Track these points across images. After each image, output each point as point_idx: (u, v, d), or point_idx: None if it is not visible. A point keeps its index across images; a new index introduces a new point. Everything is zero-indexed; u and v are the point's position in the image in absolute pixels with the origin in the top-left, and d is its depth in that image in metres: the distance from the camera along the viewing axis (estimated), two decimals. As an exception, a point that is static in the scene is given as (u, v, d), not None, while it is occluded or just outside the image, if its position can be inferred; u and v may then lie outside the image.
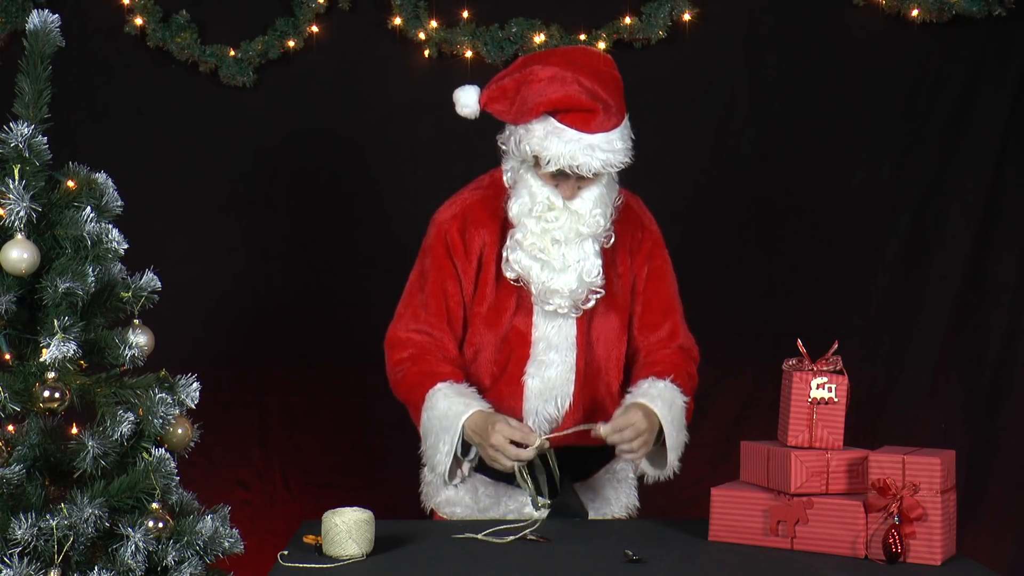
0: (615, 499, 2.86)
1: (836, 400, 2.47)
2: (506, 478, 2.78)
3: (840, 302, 4.11)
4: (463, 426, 2.62)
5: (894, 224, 4.10)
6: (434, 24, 3.98)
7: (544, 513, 2.72)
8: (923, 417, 4.10)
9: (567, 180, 2.63)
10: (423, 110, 4.00)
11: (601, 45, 3.95)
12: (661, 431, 2.66)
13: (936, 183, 4.09)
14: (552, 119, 2.58)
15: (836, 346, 2.52)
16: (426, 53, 4.01)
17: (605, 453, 2.88)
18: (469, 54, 3.98)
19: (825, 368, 2.49)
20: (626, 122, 2.65)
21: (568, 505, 2.72)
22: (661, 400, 2.66)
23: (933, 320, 4.09)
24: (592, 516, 2.79)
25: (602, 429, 2.59)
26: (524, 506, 2.76)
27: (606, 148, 2.58)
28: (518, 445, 2.56)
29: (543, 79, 2.60)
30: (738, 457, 2.60)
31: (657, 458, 2.73)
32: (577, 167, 2.57)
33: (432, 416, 2.66)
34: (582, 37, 3.94)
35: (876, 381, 4.08)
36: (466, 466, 2.73)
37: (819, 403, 2.47)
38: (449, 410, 2.64)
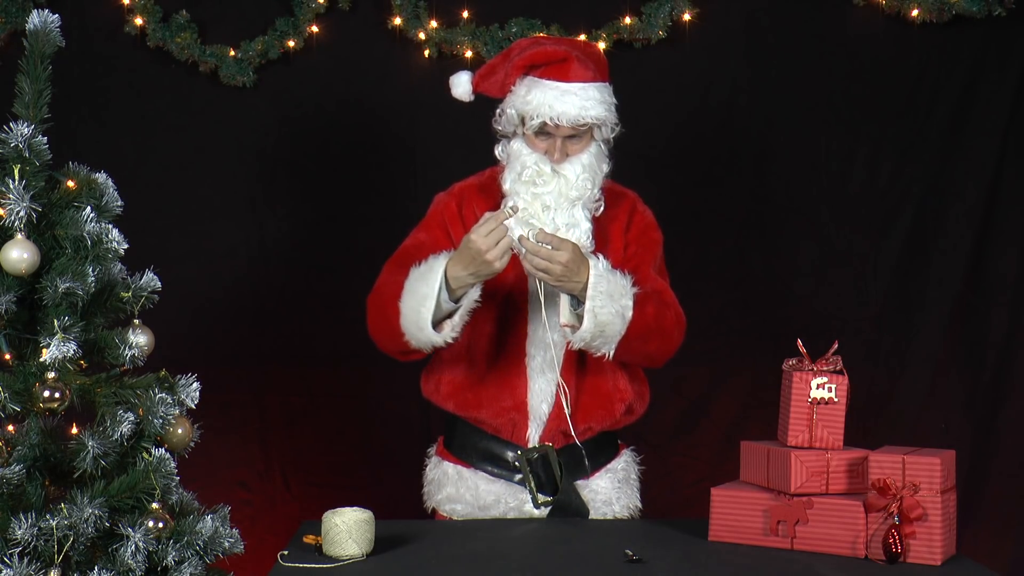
0: (616, 499, 2.86)
1: (836, 400, 2.47)
2: (507, 476, 2.79)
3: (840, 302, 4.11)
4: (444, 270, 2.59)
5: (894, 224, 4.10)
6: (434, 24, 3.98)
7: (545, 511, 2.73)
8: (923, 417, 4.10)
9: (552, 141, 2.70)
10: (423, 110, 4.00)
11: (601, 45, 3.94)
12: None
13: (936, 183, 4.09)
14: (531, 76, 2.70)
15: (836, 346, 2.52)
16: (426, 53, 4.01)
17: (608, 453, 2.88)
18: (469, 54, 3.98)
19: (825, 368, 2.49)
20: (608, 87, 2.74)
21: (569, 504, 2.74)
22: (605, 270, 2.61)
23: (933, 320, 4.09)
24: (593, 516, 2.79)
25: (529, 233, 2.56)
26: (525, 503, 2.76)
27: (581, 96, 2.66)
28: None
29: (523, 45, 2.75)
30: (738, 457, 2.60)
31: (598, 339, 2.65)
32: (557, 117, 2.65)
33: (412, 277, 2.65)
34: (582, 37, 3.93)
35: (876, 381, 4.08)
36: (456, 318, 2.64)
37: (819, 403, 2.47)
38: (430, 263, 2.64)
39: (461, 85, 2.80)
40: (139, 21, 3.95)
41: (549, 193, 2.69)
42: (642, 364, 2.84)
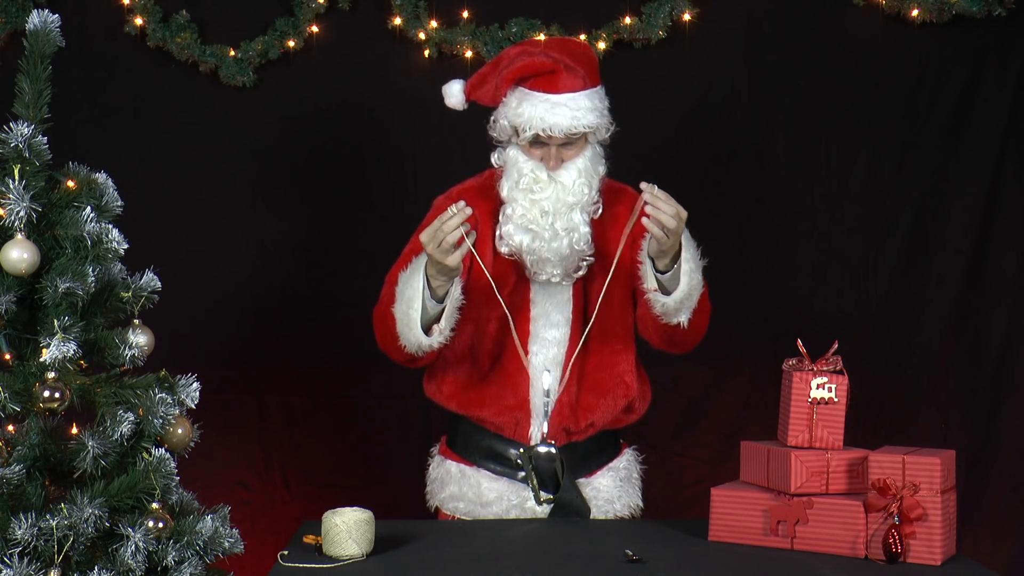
0: (618, 497, 2.86)
1: (836, 400, 2.47)
2: (510, 474, 2.79)
3: (840, 302, 4.11)
4: (424, 268, 2.63)
5: (894, 224, 4.10)
6: (434, 24, 3.98)
7: (547, 509, 2.73)
8: (923, 417, 4.10)
9: (547, 149, 2.69)
10: (423, 110, 3.99)
11: (601, 45, 3.95)
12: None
13: (936, 183, 4.08)
14: (521, 88, 2.70)
15: (836, 346, 2.52)
16: (426, 53, 4.01)
17: (609, 452, 2.89)
18: (469, 54, 3.98)
19: (825, 368, 2.49)
20: (599, 90, 2.73)
21: (570, 502, 2.74)
22: (691, 239, 2.68)
23: (933, 320, 4.09)
24: (595, 515, 2.80)
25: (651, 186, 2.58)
26: (527, 502, 2.77)
27: (572, 106, 2.66)
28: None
29: (512, 55, 2.74)
30: (738, 457, 2.60)
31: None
32: (549, 129, 2.65)
33: (400, 282, 2.69)
34: (582, 37, 3.93)
35: (876, 381, 4.07)
36: (443, 321, 2.66)
37: (819, 403, 2.47)
38: (414, 264, 2.68)
39: (454, 95, 2.80)
40: (139, 21, 3.95)
41: (547, 199, 2.68)
42: (685, 341, 2.82)
